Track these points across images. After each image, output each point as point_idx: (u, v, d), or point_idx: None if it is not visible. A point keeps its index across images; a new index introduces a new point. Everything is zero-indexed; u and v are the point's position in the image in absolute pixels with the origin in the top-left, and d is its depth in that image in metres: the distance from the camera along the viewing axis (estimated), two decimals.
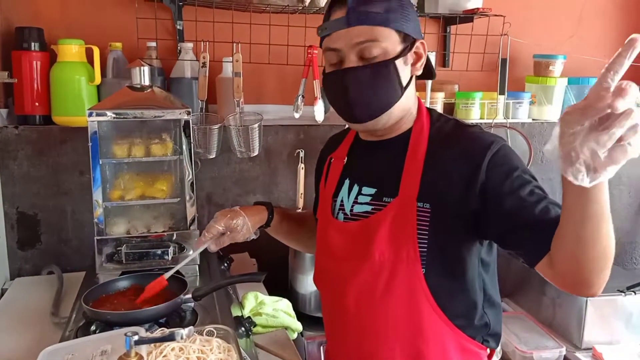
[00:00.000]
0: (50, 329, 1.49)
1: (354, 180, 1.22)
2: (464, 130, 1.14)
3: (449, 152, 1.10)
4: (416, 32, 1.11)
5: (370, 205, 1.16)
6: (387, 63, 1.07)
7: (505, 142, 1.10)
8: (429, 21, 2.28)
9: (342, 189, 1.23)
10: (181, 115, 1.65)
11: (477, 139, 1.09)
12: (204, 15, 1.97)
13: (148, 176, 1.74)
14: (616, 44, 2.67)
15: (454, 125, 1.16)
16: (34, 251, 1.96)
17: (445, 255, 1.10)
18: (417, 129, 1.15)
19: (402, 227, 1.10)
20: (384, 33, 1.06)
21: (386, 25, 1.06)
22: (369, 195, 1.17)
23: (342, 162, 1.27)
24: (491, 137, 1.09)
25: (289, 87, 2.16)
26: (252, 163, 2.14)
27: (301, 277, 1.91)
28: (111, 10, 2.01)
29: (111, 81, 1.94)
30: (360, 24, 1.05)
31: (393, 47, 1.08)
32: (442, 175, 1.08)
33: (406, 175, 1.12)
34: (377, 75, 1.08)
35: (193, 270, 1.69)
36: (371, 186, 1.18)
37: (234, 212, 1.31)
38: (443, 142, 1.12)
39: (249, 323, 1.46)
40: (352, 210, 1.19)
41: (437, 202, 1.08)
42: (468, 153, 1.07)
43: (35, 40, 1.87)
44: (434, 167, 1.10)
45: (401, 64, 1.09)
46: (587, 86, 2.48)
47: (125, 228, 1.70)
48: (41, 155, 1.91)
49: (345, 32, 1.07)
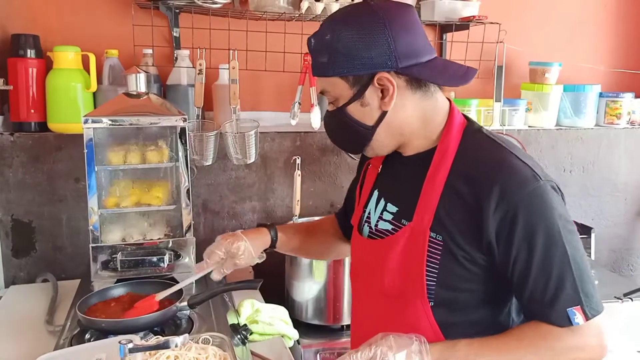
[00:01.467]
0: (45, 337, 1.48)
1: (381, 194, 1.17)
2: (496, 155, 1.01)
3: (472, 181, 0.99)
4: (376, 66, 1.01)
5: (391, 225, 1.11)
6: (339, 111, 1.07)
7: (544, 180, 0.97)
8: (425, 28, 2.27)
9: (371, 200, 1.19)
10: (177, 122, 1.65)
11: (508, 171, 0.97)
12: (201, 23, 1.97)
13: (144, 183, 1.73)
14: (611, 51, 2.69)
15: (487, 146, 1.04)
16: (28, 259, 1.95)
17: (456, 291, 1.03)
18: (442, 148, 1.05)
19: (412, 256, 1.04)
20: (330, 82, 1.05)
21: (328, 75, 1.05)
22: (391, 214, 1.12)
23: (376, 170, 1.22)
24: (526, 172, 0.97)
25: (286, 94, 2.17)
26: (248, 170, 2.14)
27: (298, 285, 1.90)
28: (107, 18, 2.01)
29: (107, 88, 1.94)
30: (317, 75, 1.08)
31: (342, 94, 1.05)
32: (459, 206, 1.00)
33: (423, 200, 1.04)
34: (337, 121, 1.09)
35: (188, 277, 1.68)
36: (394, 204, 1.12)
37: (235, 236, 1.27)
38: (468, 168, 1.01)
39: (245, 331, 1.46)
40: (377, 226, 1.15)
41: (450, 235, 1.00)
42: (492, 187, 0.96)
43: (31, 47, 1.86)
44: (453, 194, 1.01)
45: (356, 108, 1.05)
46: (583, 93, 2.49)
47: (121, 235, 1.69)
48: (36, 162, 1.90)
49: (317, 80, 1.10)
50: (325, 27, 1.05)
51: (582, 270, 0.95)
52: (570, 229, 0.97)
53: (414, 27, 1.03)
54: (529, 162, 0.99)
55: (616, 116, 2.55)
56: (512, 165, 0.98)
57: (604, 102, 2.56)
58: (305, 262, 1.87)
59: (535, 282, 0.96)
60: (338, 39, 1.02)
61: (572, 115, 2.51)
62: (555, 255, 0.95)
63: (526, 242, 0.95)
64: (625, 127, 2.59)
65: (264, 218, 2.19)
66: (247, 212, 2.17)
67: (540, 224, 0.95)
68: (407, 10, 1.05)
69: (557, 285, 0.95)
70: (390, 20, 1.00)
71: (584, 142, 2.53)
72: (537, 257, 0.95)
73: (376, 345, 0.94)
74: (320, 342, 1.82)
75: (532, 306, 0.99)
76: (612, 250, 2.67)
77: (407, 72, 1.01)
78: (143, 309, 1.38)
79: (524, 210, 0.94)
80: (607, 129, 2.58)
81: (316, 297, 1.87)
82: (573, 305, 0.94)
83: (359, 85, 1.03)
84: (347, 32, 1.01)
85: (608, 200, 2.60)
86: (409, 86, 1.04)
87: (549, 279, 0.95)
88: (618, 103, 2.54)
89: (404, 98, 1.04)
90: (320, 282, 1.86)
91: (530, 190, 0.95)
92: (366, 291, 1.19)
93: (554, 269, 0.95)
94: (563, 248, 0.95)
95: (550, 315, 0.96)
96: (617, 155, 2.59)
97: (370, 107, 1.04)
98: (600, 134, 2.56)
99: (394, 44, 1.00)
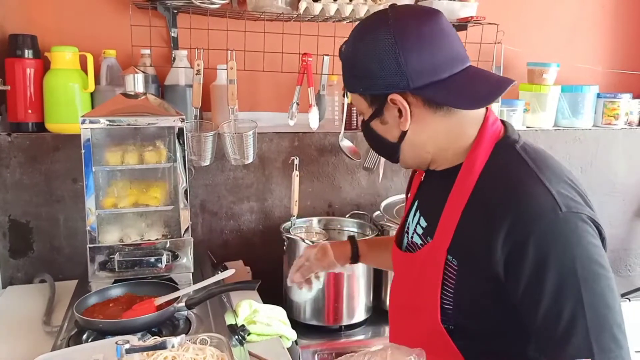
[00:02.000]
0: (42, 338, 1.47)
1: (418, 206, 1.11)
2: (518, 178, 0.91)
3: (488, 206, 0.91)
4: (388, 86, 0.95)
5: (421, 240, 1.06)
6: (364, 125, 1.05)
7: (568, 212, 0.85)
8: None
9: (412, 211, 1.13)
10: (175, 123, 1.64)
11: (525, 199, 0.87)
12: (199, 23, 1.96)
13: (141, 184, 1.73)
14: (609, 52, 2.69)
15: (513, 167, 0.93)
16: (26, 259, 1.94)
17: (473, 318, 0.97)
18: (467, 166, 0.97)
19: (428, 277, 0.99)
20: (354, 97, 1.04)
21: (348, 90, 1.04)
22: (422, 228, 1.06)
23: (420, 178, 1.16)
24: (545, 202, 0.86)
25: (284, 94, 2.16)
26: (246, 170, 2.14)
27: (296, 285, 1.90)
28: (105, 18, 2.01)
29: (105, 88, 1.94)
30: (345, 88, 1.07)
31: (364, 110, 1.03)
32: (475, 231, 0.92)
33: (444, 219, 0.97)
34: (365, 133, 1.07)
35: (187, 278, 1.68)
36: (425, 219, 1.06)
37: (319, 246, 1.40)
38: (488, 191, 0.93)
39: (242, 331, 1.46)
40: (412, 239, 1.10)
41: (464, 261, 0.94)
42: (505, 215, 0.87)
43: (28, 48, 1.86)
44: (472, 217, 0.93)
45: (378, 125, 1.02)
46: (580, 94, 2.49)
47: (118, 236, 1.69)
48: (34, 162, 1.90)
49: None
50: (349, 37, 1.02)
51: (600, 319, 0.82)
52: (597, 271, 0.84)
53: (433, 40, 0.94)
54: (557, 188, 0.88)
55: (614, 117, 2.56)
56: (531, 193, 0.88)
57: (601, 103, 2.57)
58: None
59: (545, 322, 0.85)
60: (354, 53, 0.99)
61: (570, 115, 2.51)
62: (566, 298, 0.83)
63: (534, 279, 0.85)
64: (623, 127, 2.59)
65: (262, 219, 2.18)
66: (245, 212, 2.17)
67: (552, 261, 0.84)
68: (427, 19, 0.95)
69: (567, 331, 0.83)
70: (401, 36, 0.92)
71: (581, 142, 2.54)
72: (546, 298, 0.84)
73: (370, 356, 0.93)
74: (318, 343, 1.81)
75: (541, 346, 0.88)
76: (610, 251, 2.62)
77: (421, 93, 0.94)
78: (141, 311, 1.38)
79: (534, 243, 0.85)
80: (605, 130, 2.58)
81: (314, 297, 1.87)
82: (582, 357, 0.81)
83: (377, 104, 0.99)
84: (362, 47, 0.97)
85: (606, 200, 2.60)
86: (426, 106, 0.96)
87: (559, 322, 0.83)
88: (616, 104, 2.54)
89: (423, 117, 0.97)
90: (318, 283, 1.86)
91: (545, 223, 0.85)
92: (399, 303, 1.15)
93: (564, 314, 0.83)
94: (578, 291, 0.82)
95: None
96: (615, 155, 2.59)
97: (390, 125, 1.00)
98: (598, 134, 2.56)
99: (404, 63, 0.92)
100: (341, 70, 1.05)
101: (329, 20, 2.09)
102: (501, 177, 0.93)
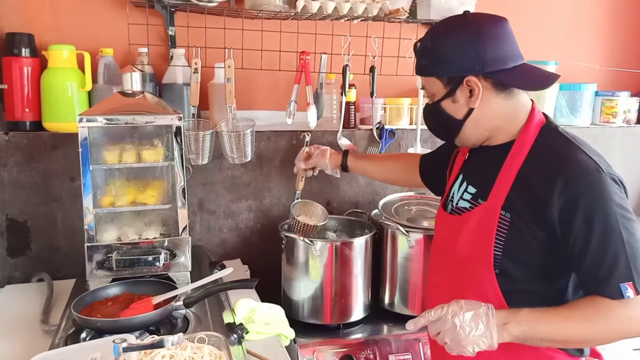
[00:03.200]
0: (40, 337, 1.47)
1: (465, 178, 1.37)
2: (565, 150, 1.19)
3: (541, 171, 1.17)
4: (466, 70, 1.21)
5: (469, 203, 1.31)
6: (434, 105, 1.29)
7: (606, 173, 1.13)
8: (421, 27, 2.28)
9: (456, 182, 1.39)
10: (173, 121, 1.64)
11: (573, 164, 1.14)
12: (196, 21, 1.96)
13: (139, 182, 1.73)
14: (607, 50, 2.70)
15: (559, 142, 1.22)
16: (24, 258, 1.94)
17: (519, 262, 1.21)
18: (520, 141, 1.24)
19: (483, 230, 1.23)
20: (428, 80, 1.28)
21: (427, 75, 1.28)
22: (470, 194, 1.32)
23: (463, 157, 1.43)
24: (589, 165, 1.13)
25: (282, 93, 2.16)
26: (244, 169, 2.13)
27: (294, 284, 1.90)
28: (102, 16, 2.00)
29: (102, 87, 1.93)
30: (417, 74, 1.33)
31: (438, 91, 1.27)
32: (529, 190, 1.17)
33: (498, 183, 1.23)
34: (432, 114, 1.32)
35: (184, 276, 1.68)
36: (474, 186, 1.32)
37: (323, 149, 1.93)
38: (540, 159, 1.19)
39: (241, 330, 1.45)
40: (457, 205, 1.35)
41: (517, 214, 1.18)
42: (558, 176, 1.13)
43: (25, 46, 1.85)
44: (524, 181, 1.19)
45: (449, 104, 1.26)
46: (579, 92, 2.49)
47: (116, 235, 1.69)
48: (31, 161, 1.90)
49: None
50: (428, 35, 1.29)
51: (635, 251, 1.09)
52: (628, 216, 1.11)
53: (503, 37, 1.23)
54: (595, 157, 1.15)
55: (612, 115, 2.56)
56: (577, 159, 1.15)
57: (599, 101, 2.57)
58: (301, 260, 1.87)
59: (593, 260, 1.11)
60: (437, 45, 1.24)
61: (568, 114, 2.52)
62: (611, 238, 1.09)
63: (585, 225, 1.10)
64: (621, 125, 2.59)
65: (260, 217, 2.18)
66: (243, 211, 2.17)
67: (599, 210, 1.10)
68: (499, 22, 1.24)
69: (612, 263, 1.09)
70: (481, 32, 1.20)
71: None
72: (594, 239, 1.10)
73: (448, 305, 1.12)
74: (316, 341, 1.81)
75: (589, 281, 1.14)
76: None
77: (493, 77, 1.21)
78: (139, 310, 1.38)
79: (584, 197, 1.11)
80: (602, 128, 2.58)
81: (312, 296, 1.87)
82: (625, 280, 1.08)
83: (452, 85, 1.24)
84: (444, 41, 1.23)
85: None
86: (494, 88, 1.23)
87: (605, 258, 1.10)
88: (614, 102, 2.55)
89: (489, 98, 1.23)
90: (316, 281, 1.86)
91: (591, 181, 1.12)
92: (442, 260, 1.40)
93: (610, 250, 1.09)
94: (619, 232, 1.09)
95: (604, 289, 1.10)
96: (613, 153, 2.59)
97: (459, 103, 1.25)
98: (596, 132, 2.57)
99: (483, 52, 1.19)
100: (416, 61, 1.31)
101: (326, 18, 2.09)
102: (551, 149, 1.20)
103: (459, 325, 1.09)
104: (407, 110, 2.26)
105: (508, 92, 1.24)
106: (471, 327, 1.08)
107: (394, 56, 2.17)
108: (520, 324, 1.10)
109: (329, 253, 1.84)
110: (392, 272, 1.97)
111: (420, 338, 1.85)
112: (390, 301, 2.00)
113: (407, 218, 1.98)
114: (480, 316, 1.09)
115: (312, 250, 1.82)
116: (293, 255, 1.89)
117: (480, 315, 1.09)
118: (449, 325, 1.10)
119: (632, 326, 1.11)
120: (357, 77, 2.15)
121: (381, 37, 2.14)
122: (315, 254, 1.82)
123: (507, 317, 1.11)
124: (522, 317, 1.11)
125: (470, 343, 1.09)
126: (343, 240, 1.91)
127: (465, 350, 1.09)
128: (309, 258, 1.85)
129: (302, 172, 1.99)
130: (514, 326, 1.10)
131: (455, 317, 1.10)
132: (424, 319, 1.14)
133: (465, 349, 1.09)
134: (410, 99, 2.26)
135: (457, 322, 1.09)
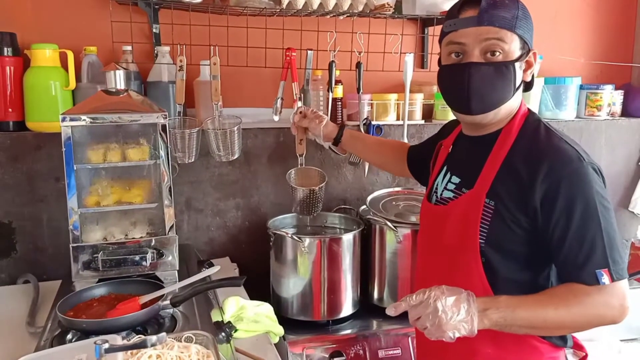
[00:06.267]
0: (26, 339, 1.46)
1: (449, 169, 1.38)
2: (548, 139, 1.21)
3: (526, 158, 1.19)
4: (531, 43, 1.24)
5: (453, 193, 1.32)
6: (508, 64, 1.21)
7: (587, 162, 1.16)
8: (407, 23, 2.28)
9: (440, 174, 1.40)
10: (158, 119, 1.63)
11: (556, 152, 1.17)
12: (181, 19, 1.95)
13: (125, 181, 1.71)
14: (591, 43, 2.71)
15: (542, 132, 1.24)
16: (9, 260, 1.92)
17: (503, 251, 1.22)
18: (506, 132, 1.26)
19: (468, 218, 1.24)
20: (508, 36, 1.20)
21: (512, 30, 1.20)
22: (454, 184, 1.33)
23: (447, 150, 1.43)
24: (572, 154, 1.16)
25: (268, 90, 2.15)
26: (231, 167, 2.12)
27: (283, 281, 1.90)
28: (85, 14, 1.98)
29: (86, 86, 1.91)
30: (490, 24, 1.19)
31: (514, 50, 1.21)
32: (513, 178, 1.19)
33: (484, 172, 1.25)
34: (497, 73, 1.21)
35: (172, 276, 1.67)
36: (458, 176, 1.33)
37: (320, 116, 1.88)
38: (524, 148, 1.21)
39: (229, 328, 1.45)
40: (442, 195, 1.36)
41: (501, 202, 1.20)
42: (541, 163, 1.15)
43: (8, 45, 1.83)
44: (508, 168, 1.21)
45: (518, 67, 1.23)
46: (563, 86, 2.51)
47: (102, 235, 1.67)
48: (15, 162, 1.87)
49: (474, 30, 1.20)
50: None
51: (612, 240, 1.13)
52: (606, 205, 1.14)
53: None
54: (577, 147, 1.19)
55: (597, 108, 2.58)
56: (560, 147, 1.18)
57: (584, 94, 2.59)
58: (290, 258, 1.86)
59: (571, 245, 1.13)
60: (522, 6, 1.23)
61: (553, 107, 2.53)
62: (590, 225, 1.12)
63: (566, 211, 1.13)
64: (606, 118, 2.61)
65: (248, 215, 2.18)
66: (231, 209, 2.16)
67: (580, 197, 1.13)
68: None
69: (589, 249, 1.12)
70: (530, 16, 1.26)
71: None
72: (574, 225, 1.13)
73: (430, 290, 1.12)
74: (306, 338, 1.81)
75: (566, 267, 1.16)
76: None
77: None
78: (125, 310, 1.37)
79: (566, 184, 1.13)
80: (587, 121, 2.60)
81: (301, 293, 1.87)
82: (601, 267, 1.11)
83: (525, 50, 1.23)
84: (525, 7, 1.24)
85: None
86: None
87: (583, 244, 1.12)
88: (598, 95, 2.56)
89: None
90: (305, 278, 1.86)
91: (573, 168, 1.14)
92: (429, 251, 1.42)
93: (588, 236, 1.12)
94: (598, 219, 1.12)
95: (581, 275, 1.13)
96: (598, 146, 2.61)
97: (521, 72, 1.25)
98: (581, 125, 2.58)
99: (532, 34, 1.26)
100: (490, 11, 1.19)
101: (312, 14, 2.08)
102: (535, 138, 1.22)
103: (441, 309, 1.09)
104: (393, 105, 2.26)
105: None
106: (453, 311, 1.09)
107: (380, 52, 2.17)
108: (499, 310, 1.12)
109: (317, 249, 1.84)
110: (381, 267, 1.97)
111: (409, 333, 1.85)
112: (379, 296, 2.00)
113: (395, 213, 1.99)
114: (461, 301, 1.10)
115: (300, 247, 1.82)
116: (281, 253, 1.89)
117: (461, 300, 1.10)
118: (430, 310, 1.10)
119: (607, 312, 1.13)
120: (343, 73, 2.15)
121: (367, 33, 2.13)
122: (304, 251, 1.82)
123: (487, 303, 1.13)
124: (502, 303, 1.13)
125: (451, 328, 1.09)
126: (331, 237, 1.90)
127: (444, 335, 1.09)
128: (298, 255, 1.85)
129: (301, 134, 1.94)
130: (493, 312, 1.11)
131: (438, 301, 1.09)
132: (405, 304, 1.14)
133: (445, 334, 1.09)
134: (396, 95, 2.26)
135: (439, 306, 1.09)
